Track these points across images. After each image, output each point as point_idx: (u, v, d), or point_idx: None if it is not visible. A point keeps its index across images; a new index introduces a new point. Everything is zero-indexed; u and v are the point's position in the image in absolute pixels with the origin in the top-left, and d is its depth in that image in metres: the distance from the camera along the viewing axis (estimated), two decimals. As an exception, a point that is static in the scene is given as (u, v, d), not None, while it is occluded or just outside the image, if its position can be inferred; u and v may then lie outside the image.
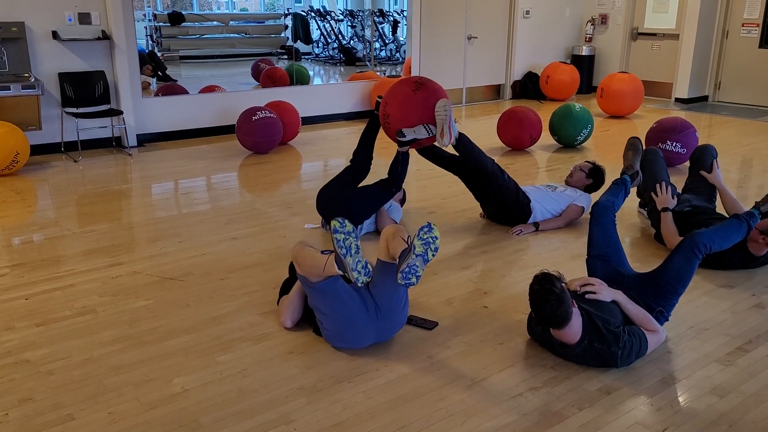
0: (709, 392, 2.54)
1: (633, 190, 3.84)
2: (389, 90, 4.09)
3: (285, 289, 3.16)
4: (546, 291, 2.53)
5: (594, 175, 4.57)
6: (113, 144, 6.83)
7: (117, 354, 2.80)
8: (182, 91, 8.16)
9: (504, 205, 4.31)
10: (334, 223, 2.57)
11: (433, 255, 2.63)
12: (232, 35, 13.59)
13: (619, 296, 2.81)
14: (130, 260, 3.84)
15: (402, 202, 4.61)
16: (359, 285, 2.59)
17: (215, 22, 13.68)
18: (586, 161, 4.70)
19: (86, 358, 2.77)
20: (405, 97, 3.93)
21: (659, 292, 2.90)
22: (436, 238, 2.63)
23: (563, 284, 2.57)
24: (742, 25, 9.48)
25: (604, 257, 3.08)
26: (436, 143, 4.09)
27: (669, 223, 3.93)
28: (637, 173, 3.56)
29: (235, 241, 4.14)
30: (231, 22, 13.88)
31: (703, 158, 4.27)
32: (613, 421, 2.37)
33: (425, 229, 2.63)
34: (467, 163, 4.22)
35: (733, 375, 2.66)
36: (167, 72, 10.37)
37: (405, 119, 3.95)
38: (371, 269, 2.60)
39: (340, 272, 2.57)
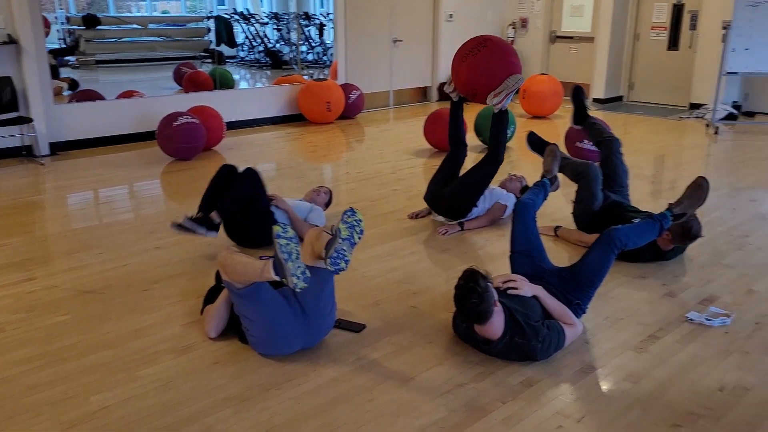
0: (624, 379, 2.67)
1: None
2: (457, 68, 4.24)
3: (210, 298, 3.11)
4: (469, 288, 2.60)
5: (526, 191, 4.73)
6: (24, 153, 6.52)
7: (33, 372, 2.69)
8: (99, 97, 7.87)
9: (459, 198, 4.38)
10: (277, 229, 2.55)
11: (359, 238, 2.66)
12: (152, 38, 13.22)
13: (540, 291, 2.92)
14: (46, 274, 3.69)
15: (327, 205, 4.60)
16: (297, 290, 2.57)
17: (134, 25, 13.27)
18: (522, 176, 4.88)
19: (0, 378, 2.65)
20: (475, 63, 4.10)
21: (578, 286, 3.03)
22: (360, 221, 2.68)
23: (488, 282, 2.64)
24: (651, 29, 9.98)
25: (526, 253, 3.18)
26: (487, 100, 4.16)
27: (569, 233, 4.24)
28: (555, 178, 3.70)
29: (159, 251, 4.04)
30: (150, 25, 13.50)
31: (614, 155, 4.45)
32: (535, 412, 2.45)
33: (348, 213, 2.67)
34: (487, 139, 4.37)
35: (647, 361, 2.80)
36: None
37: (489, 84, 4.10)
38: (309, 276, 2.60)
39: (278, 278, 2.55)
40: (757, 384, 2.63)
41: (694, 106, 9.45)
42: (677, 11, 9.66)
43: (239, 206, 3.88)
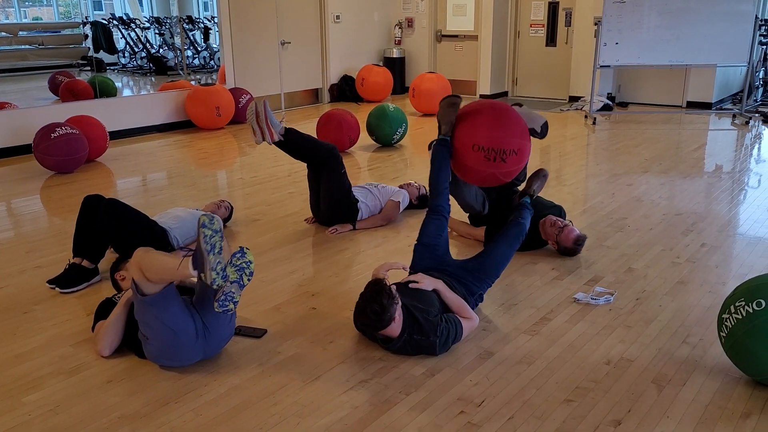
0: (519, 361, 2.79)
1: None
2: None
3: (101, 312, 2.95)
4: (369, 308, 2.66)
5: (422, 200, 4.84)
6: None
7: None
8: (-34, 110, 7.30)
9: (335, 204, 4.37)
10: (203, 219, 2.46)
11: (248, 280, 2.60)
12: (23, 47, 12.41)
13: (440, 285, 2.98)
14: None
15: (227, 220, 4.51)
16: (214, 287, 2.49)
17: (2, 33, 12.41)
18: (422, 185, 4.94)
19: None
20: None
21: (484, 276, 3.13)
22: (250, 263, 2.60)
23: (392, 296, 2.67)
24: (531, 26, 10.47)
25: (432, 246, 3.21)
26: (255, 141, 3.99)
27: (457, 225, 4.36)
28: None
29: (39, 270, 3.80)
30: (21, 33, 12.67)
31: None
32: (437, 400, 2.51)
33: (238, 255, 2.58)
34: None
35: (539, 343, 2.94)
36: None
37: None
38: (228, 275, 2.52)
39: (194, 272, 2.45)
40: (640, 355, 2.82)
41: (573, 99, 10.01)
42: (553, 9, 10.19)
43: (108, 244, 3.67)
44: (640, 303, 3.33)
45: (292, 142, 4.17)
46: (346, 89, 10.38)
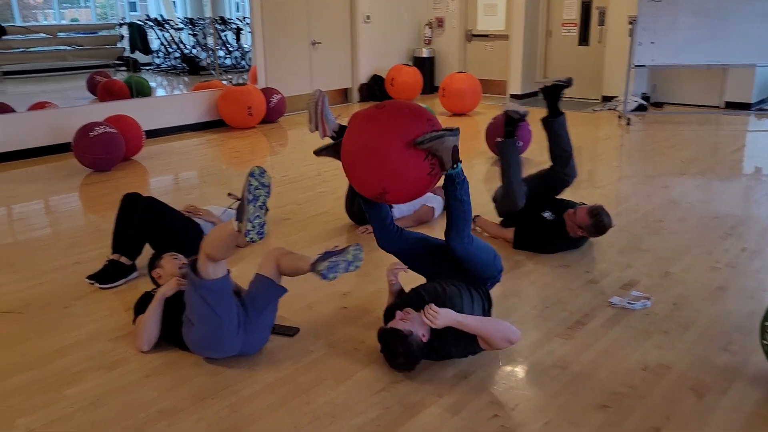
0: (553, 365, 2.77)
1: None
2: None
3: (140, 306, 3.00)
4: (397, 363, 2.66)
5: None
6: (-73, 171, 6.14)
7: (-53, 402, 2.54)
8: (8, 110, 7.48)
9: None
10: (254, 168, 2.48)
11: (354, 268, 2.76)
12: (62, 47, 12.68)
13: (452, 321, 2.62)
14: (-43, 298, 3.49)
15: None
16: (247, 240, 2.46)
17: (42, 34, 12.69)
18: None
19: None
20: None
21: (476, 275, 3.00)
22: (361, 261, 2.78)
23: (408, 341, 2.60)
24: (563, 25, 10.36)
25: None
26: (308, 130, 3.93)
27: (487, 225, 4.33)
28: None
29: (79, 266, 3.88)
30: (60, 34, 12.94)
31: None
32: (470, 403, 2.51)
33: (357, 248, 2.79)
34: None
35: (574, 347, 2.91)
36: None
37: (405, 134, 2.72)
38: (264, 232, 2.50)
39: (236, 223, 2.46)
40: (677, 361, 2.78)
41: (607, 99, 9.89)
42: (586, 8, 10.08)
43: (146, 241, 3.73)
44: (678, 308, 3.27)
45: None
46: (375, 89, 10.40)
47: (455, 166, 2.70)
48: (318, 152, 3.18)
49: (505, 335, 2.64)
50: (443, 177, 2.82)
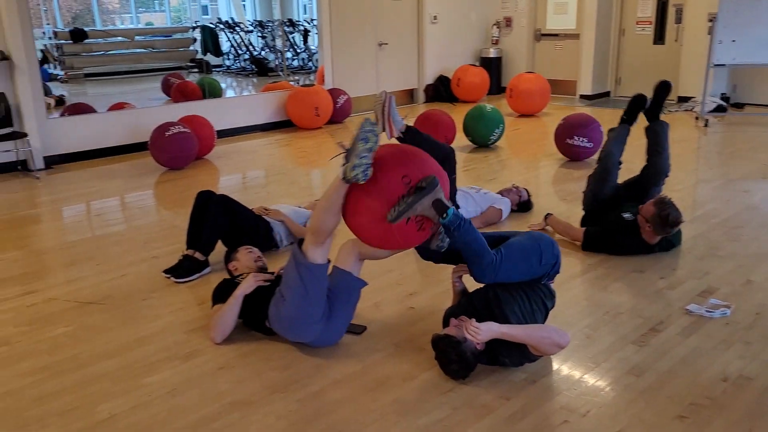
0: (627, 372, 2.69)
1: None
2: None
3: (218, 294, 3.09)
4: (450, 370, 2.63)
5: (522, 207, 4.77)
6: (19, 168, 6.50)
7: (38, 384, 2.68)
8: (90, 110, 7.85)
9: None
10: (367, 118, 2.54)
11: (375, 144, 2.56)
12: (138, 50, 13.21)
13: (496, 333, 2.59)
14: (45, 287, 3.68)
15: None
16: (349, 176, 2.47)
17: (120, 38, 13.25)
18: (525, 189, 4.83)
19: (5, 392, 2.64)
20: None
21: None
22: (375, 135, 2.58)
23: (462, 346, 2.58)
24: (637, 23, 10.06)
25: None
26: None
27: (557, 223, 4.25)
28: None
29: (156, 260, 4.03)
30: (137, 37, 13.48)
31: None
32: (539, 408, 2.47)
33: (365, 130, 2.55)
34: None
35: (648, 354, 2.82)
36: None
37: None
38: (369, 174, 2.48)
39: (342, 168, 2.49)
40: (760, 373, 2.65)
41: (683, 99, 9.54)
42: (662, 5, 9.75)
43: (219, 237, 3.84)
44: (761, 317, 3.13)
45: (411, 141, 4.20)
46: (441, 89, 10.37)
47: (444, 216, 2.56)
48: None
49: (553, 340, 2.59)
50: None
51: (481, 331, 2.54)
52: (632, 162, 4.81)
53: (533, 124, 8.41)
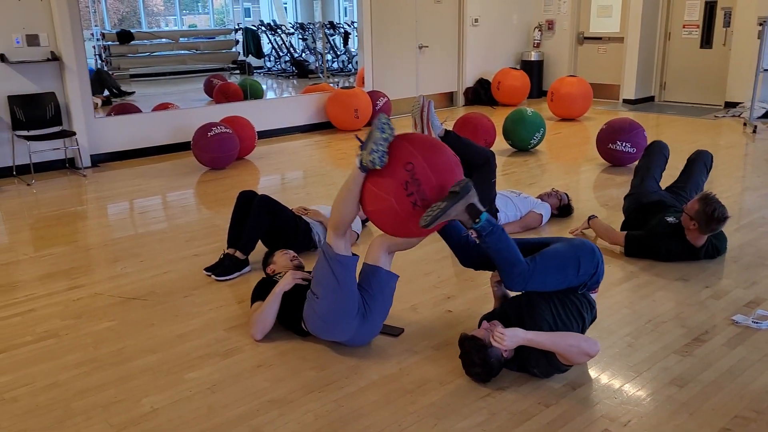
0: (669, 383, 2.63)
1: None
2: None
3: (258, 292, 3.13)
4: (474, 372, 2.63)
5: (563, 210, 4.72)
6: (66, 165, 6.69)
7: (83, 377, 2.76)
8: (135, 110, 8.04)
9: None
10: (382, 114, 2.62)
11: (390, 136, 2.57)
12: (182, 52, 13.46)
13: (521, 339, 2.56)
14: (90, 282, 3.78)
15: (366, 220, 4.63)
16: (367, 161, 2.51)
17: (165, 40, 13.53)
18: (565, 194, 4.78)
19: (51, 383, 2.71)
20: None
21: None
22: (391, 127, 2.59)
23: (487, 351, 2.57)
24: (683, 27, 9.85)
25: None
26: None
27: (599, 225, 4.18)
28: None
29: (197, 258, 4.11)
30: (181, 39, 13.75)
31: (698, 162, 4.44)
32: (579, 416, 2.43)
33: (380, 123, 2.57)
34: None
35: (692, 365, 2.76)
36: (122, 89, 10.22)
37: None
38: (385, 161, 2.52)
39: (358, 157, 2.55)
40: (808, 385, 2.58)
41: (730, 105, 9.30)
42: (710, 8, 9.53)
43: (259, 237, 3.88)
44: (810, 330, 3.03)
45: (450, 145, 4.19)
46: (481, 92, 10.31)
47: (477, 221, 2.56)
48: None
49: (581, 349, 2.54)
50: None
51: (505, 337, 2.52)
52: (676, 168, 4.71)
53: (574, 128, 8.30)
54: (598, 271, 2.77)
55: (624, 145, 6.01)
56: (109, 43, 11.79)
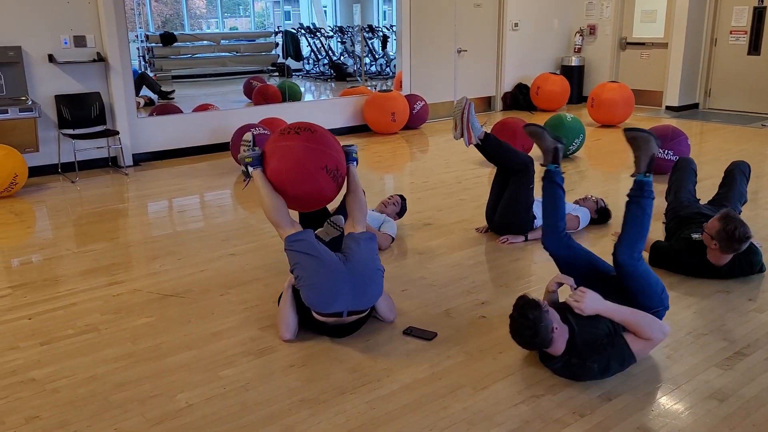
0: (709, 396, 2.57)
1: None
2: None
3: (281, 295, 3.19)
4: (520, 323, 2.60)
5: (602, 214, 4.65)
6: (110, 164, 6.85)
7: (121, 371, 2.82)
8: (176, 111, 8.20)
9: (512, 215, 4.31)
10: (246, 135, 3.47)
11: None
12: (223, 54, 13.68)
13: (602, 307, 2.69)
14: (130, 278, 3.86)
15: (399, 214, 4.64)
16: (246, 160, 3.24)
17: (207, 42, 13.77)
18: (602, 199, 4.73)
19: (90, 376, 2.78)
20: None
21: (645, 307, 2.85)
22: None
23: (544, 311, 2.58)
24: (730, 33, 9.61)
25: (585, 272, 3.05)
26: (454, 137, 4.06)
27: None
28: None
29: (233, 258, 4.16)
30: (222, 41, 13.97)
31: (736, 172, 4.34)
32: (615, 426, 2.39)
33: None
34: (493, 160, 4.32)
35: (733, 379, 2.69)
36: (162, 89, 10.43)
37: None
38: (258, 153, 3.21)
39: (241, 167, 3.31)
40: None
41: (777, 114, 9.04)
42: (758, 14, 9.29)
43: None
44: None
45: (490, 148, 4.19)
46: (519, 97, 10.23)
47: (647, 174, 2.80)
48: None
49: (658, 325, 2.68)
50: (633, 182, 2.87)
51: (586, 297, 2.64)
52: (720, 177, 4.59)
53: (615, 135, 8.17)
54: (665, 307, 2.92)
55: (666, 152, 5.90)
56: (153, 44, 12.05)
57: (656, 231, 4.34)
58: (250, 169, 3.19)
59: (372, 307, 3.15)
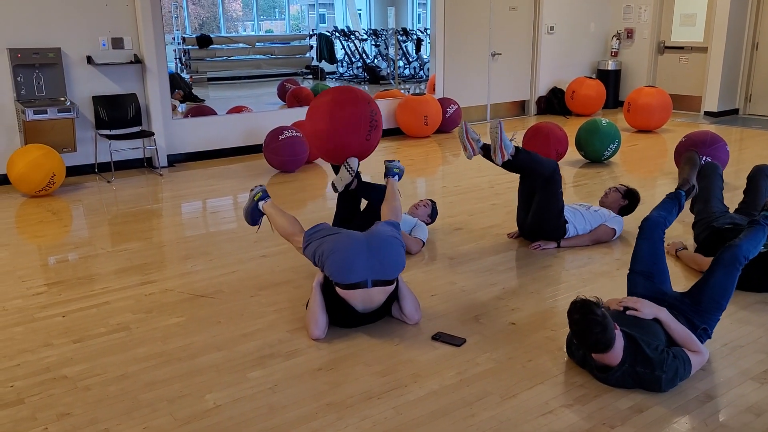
0: (745, 410, 2.50)
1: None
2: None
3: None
4: (589, 321, 2.51)
5: (629, 196, 4.54)
6: (145, 165, 6.97)
7: (151, 370, 2.85)
8: (210, 112, 8.31)
9: (543, 222, 4.26)
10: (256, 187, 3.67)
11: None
12: (258, 56, 13.84)
13: (662, 314, 2.76)
14: (162, 278, 3.91)
15: (431, 216, 4.62)
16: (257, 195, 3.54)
17: (242, 44, 13.94)
18: (621, 184, 4.66)
19: (121, 374, 2.82)
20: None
21: (703, 309, 2.86)
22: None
23: (603, 309, 2.55)
24: (772, 37, 9.38)
25: (647, 274, 3.02)
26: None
27: (688, 257, 3.97)
28: (693, 187, 3.55)
29: (264, 259, 4.19)
30: (257, 44, 14.13)
31: (760, 177, 4.21)
32: (647, 439, 2.34)
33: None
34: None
35: (770, 393, 2.61)
36: (192, 92, 10.59)
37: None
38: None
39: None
40: None
41: (821, 120, 8.78)
42: (802, 19, 9.05)
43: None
44: None
45: (520, 161, 4.15)
46: (554, 102, 10.12)
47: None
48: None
49: (702, 345, 2.76)
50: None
51: (639, 302, 2.80)
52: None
53: (652, 140, 8.03)
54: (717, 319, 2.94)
55: (704, 159, 5.76)
56: (189, 47, 12.23)
57: (687, 238, 4.25)
58: (260, 203, 3.57)
59: (398, 305, 3.20)
